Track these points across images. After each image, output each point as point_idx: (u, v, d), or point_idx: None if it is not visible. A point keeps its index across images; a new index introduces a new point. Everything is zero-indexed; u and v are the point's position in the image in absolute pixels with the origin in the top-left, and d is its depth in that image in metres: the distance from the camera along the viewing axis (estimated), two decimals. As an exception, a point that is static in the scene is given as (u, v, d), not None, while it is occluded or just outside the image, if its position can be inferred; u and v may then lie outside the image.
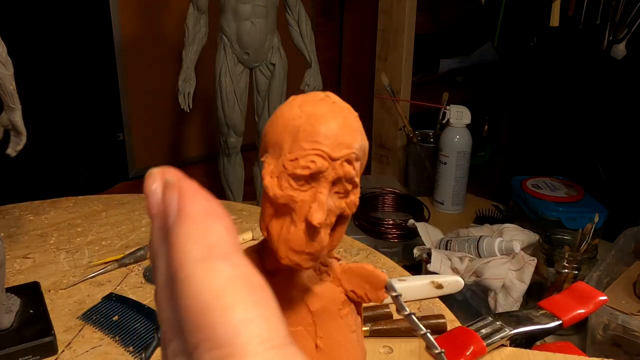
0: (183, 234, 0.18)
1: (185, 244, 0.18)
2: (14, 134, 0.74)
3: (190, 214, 0.19)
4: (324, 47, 1.88)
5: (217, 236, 0.18)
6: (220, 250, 0.18)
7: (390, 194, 1.52)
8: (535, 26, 1.87)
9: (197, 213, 0.19)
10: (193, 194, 0.19)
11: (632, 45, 1.46)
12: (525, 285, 1.04)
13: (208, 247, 0.18)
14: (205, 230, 0.18)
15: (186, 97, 1.31)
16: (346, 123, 0.25)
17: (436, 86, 1.94)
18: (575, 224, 1.27)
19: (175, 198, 0.19)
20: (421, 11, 1.73)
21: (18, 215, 0.89)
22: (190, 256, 0.18)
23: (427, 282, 0.69)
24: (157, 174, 0.20)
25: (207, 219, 0.19)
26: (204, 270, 0.18)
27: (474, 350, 0.56)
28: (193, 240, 0.18)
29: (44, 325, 0.60)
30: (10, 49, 0.67)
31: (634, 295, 1.04)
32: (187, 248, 0.18)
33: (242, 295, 0.17)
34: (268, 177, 0.25)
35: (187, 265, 0.18)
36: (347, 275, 0.30)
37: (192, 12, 1.29)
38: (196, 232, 0.18)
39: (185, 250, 0.18)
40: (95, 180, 1.53)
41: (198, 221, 0.19)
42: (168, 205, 0.19)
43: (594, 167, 1.85)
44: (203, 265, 0.18)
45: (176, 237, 0.18)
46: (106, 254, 0.78)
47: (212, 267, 0.18)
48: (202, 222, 0.19)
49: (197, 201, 0.19)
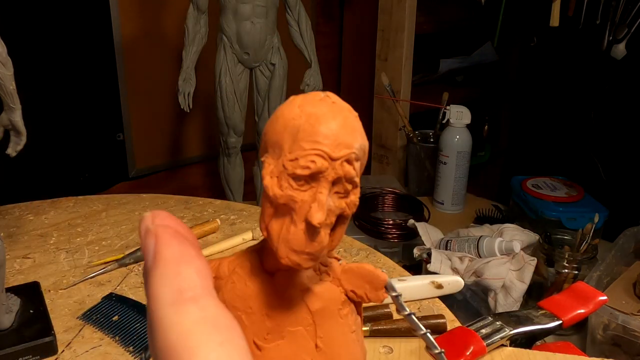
0: (157, 277, 0.20)
1: (158, 288, 0.19)
2: (14, 134, 0.74)
3: (164, 259, 0.20)
4: (324, 47, 1.88)
5: (187, 280, 0.20)
6: (189, 294, 0.19)
7: (390, 194, 1.52)
8: (535, 26, 1.87)
9: (170, 258, 0.20)
10: (168, 239, 0.21)
11: (632, 45, 1.46)
12: (525, 285, 1.04)
13: (178, 291, 0.19)
14: (177, 274, 0.20)
15: (186, 97, 1.31)
16: (346, 123, 0.25)
17: (436, 86, 1.94)
18: (575, 224, 1.28)
19: (152, 244, 0.21)
20: (421, 11, 1.73)
21: (18, 215, 0.89)
22: (161, 299, 0.19)
23: (427, 282, 0.69)
24: (147, 219, 0.22)
25: (179, 264, 0.20)
26: (173, 313, 0.19)
27: (474, 350, 0.56)
28: (164, 284, 0.20)
29: (44, 325, 0.60)
30: (10, 49, 0.67)
31: (634, 295, 1.04)
32: (159, 291, 0.19)
33: (208, 336, 0.18)
34: (268, 177, 0.25)
35: (159, 307, 0.19)
36: (347, 275, 0.30)
37: (192, 12, 1.29)
38: (168, 277, 0.20)
39: (158, 293, 0.19)
40: (95, 180, 1.53)
41: (170, 266, 0.20)
42: (145, 250, 0.21)
43: (594, 167, 1.85)
44: (173, 308, 0.19)
45: (151, 280, 0.20)
46: (106, 254, 0.78)
47: (181, 310, 0.19)
48: (174, 266, 0.20)
49: (171, 246, 0.20)
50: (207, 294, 0.20)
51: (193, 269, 0.20)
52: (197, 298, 0.19)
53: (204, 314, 0.19)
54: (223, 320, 0.19)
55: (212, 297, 0.20)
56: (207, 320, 0.19)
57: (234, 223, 0.88)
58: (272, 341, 0.28)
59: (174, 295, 0.19)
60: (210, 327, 0.19)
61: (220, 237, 0.83)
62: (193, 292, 0.19)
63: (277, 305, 0.28)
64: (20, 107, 0.71)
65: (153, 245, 0.21)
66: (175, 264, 0.20)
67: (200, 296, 0.19)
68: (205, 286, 0.20)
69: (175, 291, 0.19)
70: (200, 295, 0.19)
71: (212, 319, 0.19)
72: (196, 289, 0.19)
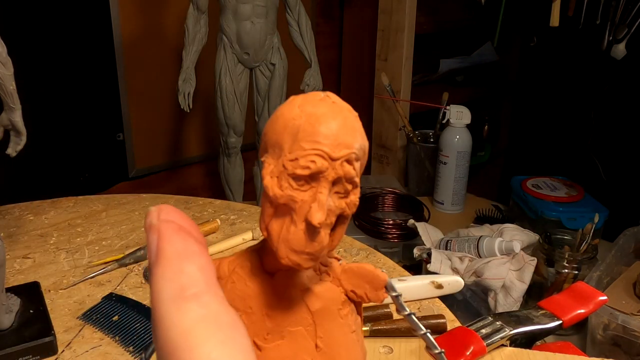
0: (159, 274, 0.20)
1: (160, 285, 0.19)
2: (14, 134, 0.74)
3: (166, 255, 0.20)
4: (324, 47, 1.88)
5: (189, 276, 0.19)
6: (191, 291, 0.19)
7: (390, 194, 1.52)
8: (535, 26, 1.87)
9: (173, 254, 0.20)
10: (170, 236, 0.20)
11: (632, 45, 1.46)
12: (525, 285, 1.04)
13: (180, 287, 0.19)
14: (179, 270, 0.19)
15: (186, 97, 1.31)
16: (346, 123, 0.25)
17: (436, 86, 1.94)
18: (575, 224, 1.27)
19: (155, 240, 0.20)
20: (421, 11, 1.73)
21: (18, 215, 0.89)
22: (163, 296, 0.19)
23: (427, 282, 0.69)
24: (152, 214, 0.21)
25: (182, 260, 0.20)
26: (175, 310, 0.19)
27: (474, 350, 0.56)
28: (167, 280, 0.19)
29: (44, 325, 0.60)
30: (10, 49, 0.67)
31: (634, 295, 1.04)
32: (161, 288, 0.19)
33: (209, 334, 0.18)
34: (268, 177, 0.25)
35: (161, 304, 0.19)
36: (347, 275, 0.30)
37: (192, 12, 1.29)
38: (170, 273, 0.19)
39: (160, 290, 0.19)
40: (95, 180, 1.53)
41: (173, 262, 0.20)
42: (149, 246, 0.21)
43: (594, 167, 1.85)
44: (174, 305, 0.19)
45: (153, 276, 0.20)
46: (106, 254, 0.78)
47: (182, 307, 0.19)
48: (176, 262, 0.20)
49: (174, 242, 0.20)
50: (209, 291, 0.19)
51: (195, 266, 0.20)
52: (199, 295, 0.19)
53: (205, 312, 0.19)
54: (225, 318, 0.19)
55: (214, 294, 0.19)
56: (208, 318, 0.18)
57: (234, 223, 0.88)
58: (272, 341, 0.28)
59: (175, 292, 0.19)
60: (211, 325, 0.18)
61: (220, 237, 0.83)
62: (195, 289, 0.19)
63: (277, 305, 0.28)
64: (20, 107, 0.71)
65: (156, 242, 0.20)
66: (177, 260, 0.20)
67: (202, 293, 0.19)
68: (208, 283, 0.20)
69: (176, 288, 0.19)
70: (202, 292, 0.19)
71: (214, 316, 0.19)
72: (198, 286, 0.19)
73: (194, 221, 0.22)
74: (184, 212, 0.20)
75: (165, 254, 0.20)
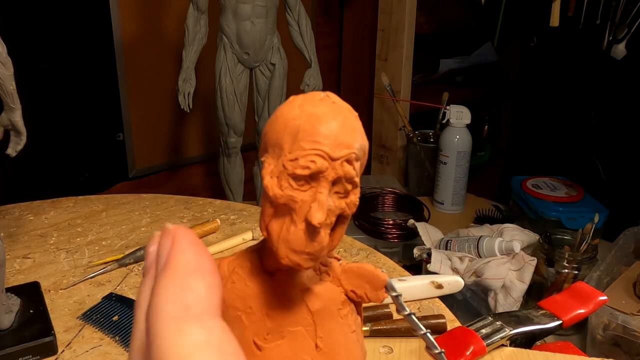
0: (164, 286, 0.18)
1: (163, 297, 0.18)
2: (14, 134, 0.74)
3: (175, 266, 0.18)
4: (324, 47, 1.88)
5: (196, 295, 0.18)
6: (196, 311, 0.18)
7: (390, 194, 1.52)
8: (535, 26, 1.87)
9: (182, 267, 0.18)
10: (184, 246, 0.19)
11: (632, 45, 1.46)
12: (525, 285, 1.04)
13: (184, 306, 0.18)
14: (186, 287, 0.18)
15: (186, 97, 1.31)
16: (346, 123, 0.25)
17: (436, 86, 1.94)
18: (575, 224, 1.27)
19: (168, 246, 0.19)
20: (421, 11, 1.73)
21: (18, 215, 0.89)
22: (164, 312, 0.18)
23: (427, 282, 0.69)
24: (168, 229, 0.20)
25: (191, 275, 0.18)
26: (175, 331, 0.17)
27: (474, 350, 0.56)
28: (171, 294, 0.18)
29: (44, 325, 0.60)
30: (10, 49, 0.67)
31: (634, 295, 1.04)
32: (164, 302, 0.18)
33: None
34: (268, 177, 0.25)
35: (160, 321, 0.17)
36: (347, 275, 0.30)
37: (192, 12, 1.29)
38: (176, 287, 0.18)
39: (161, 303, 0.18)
40: (95, 180, 1.53)
41: (181, 276, 0.18)
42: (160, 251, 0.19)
43: (594, 167, 1.85)
44: (175, 325, 0.17)
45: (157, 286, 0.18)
46: (106, 254, 0.78)
47: (183, 329, 0.17)
48: (184, 277, 0.18)
49: (187, 253, 0.19)
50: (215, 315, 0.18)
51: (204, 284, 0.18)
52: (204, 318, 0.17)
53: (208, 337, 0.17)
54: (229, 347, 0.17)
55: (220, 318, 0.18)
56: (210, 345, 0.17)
57: (234, 223, 0.88)
58: (272, 341, 0.28)
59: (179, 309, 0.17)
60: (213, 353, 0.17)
61: (220, 237, 0.83)
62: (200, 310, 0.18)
63: (277, 305, 0.28)
64: (20, 107, 0.71)
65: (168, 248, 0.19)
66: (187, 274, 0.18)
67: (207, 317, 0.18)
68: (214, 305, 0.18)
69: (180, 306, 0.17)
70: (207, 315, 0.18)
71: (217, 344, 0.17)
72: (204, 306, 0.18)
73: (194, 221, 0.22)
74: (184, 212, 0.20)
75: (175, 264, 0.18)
